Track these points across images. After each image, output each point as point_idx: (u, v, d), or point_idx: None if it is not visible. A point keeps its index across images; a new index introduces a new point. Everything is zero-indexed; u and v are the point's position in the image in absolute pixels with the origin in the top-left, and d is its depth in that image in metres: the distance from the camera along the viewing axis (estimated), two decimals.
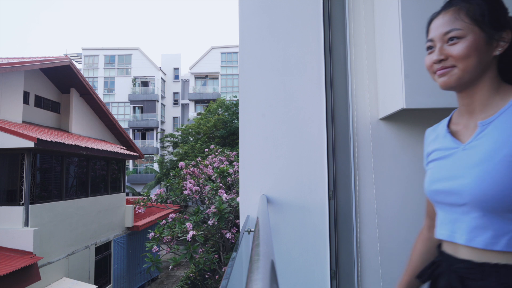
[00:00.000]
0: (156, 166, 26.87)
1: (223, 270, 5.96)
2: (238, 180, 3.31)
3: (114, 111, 31.67)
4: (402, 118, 1.75)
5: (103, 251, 11.27)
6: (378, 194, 1.74)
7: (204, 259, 5.31)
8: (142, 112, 31.83)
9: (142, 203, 6.49)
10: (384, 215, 1.73)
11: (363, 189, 1.75)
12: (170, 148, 22.61)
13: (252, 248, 0.72)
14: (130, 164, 29.30)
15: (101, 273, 11.15)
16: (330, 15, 1.83)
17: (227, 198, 5.39)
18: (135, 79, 32.73)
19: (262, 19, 1.87)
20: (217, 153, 8.13)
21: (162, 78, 33.35)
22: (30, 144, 7.73)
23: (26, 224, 8.00)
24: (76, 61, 32.93)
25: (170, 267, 5.55)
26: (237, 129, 15.69)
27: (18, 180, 8.21)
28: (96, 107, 12.87)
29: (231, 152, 8.01)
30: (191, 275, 9.79)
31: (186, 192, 6.32)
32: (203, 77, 33.40)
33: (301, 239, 1.73)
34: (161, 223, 5.98)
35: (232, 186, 6.57)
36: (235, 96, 23.19)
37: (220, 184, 6.16)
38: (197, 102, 32.32)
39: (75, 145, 9.18)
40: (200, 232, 5.20)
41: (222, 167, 6.55)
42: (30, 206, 8.09)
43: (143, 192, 7.00)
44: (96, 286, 9.51)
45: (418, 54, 1.45)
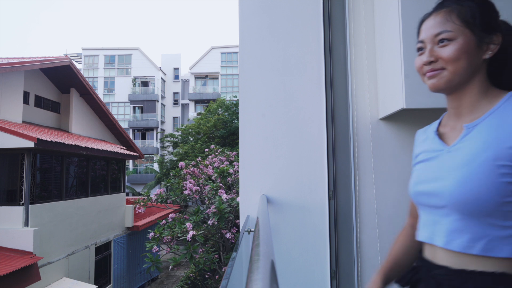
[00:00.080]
0: (156, 166, 26.87)
1: (223, 270, 5.96)
2: (238, 180, 3.30)
3: (114, 111, 31.67)
4: (402, 118, 1.75)
5: (103, 251, 11.27)
6: (378, 194, 1.74)
7: (204, 259, 5.31)
8: (142, 112, 31.83)
9: (142, 203, 6.49)
10: (384, 215, 1.73)
11: (363, 189, 1.75)
12: (170, 148, 22.61)
13: (252, 248, 0.72)
14: (130, 164, 29.30)
15: (101, 273, 11.15)
16: (330, 15, 1.83)
17: (227, 198, 5.39)
18: (135, 79, 32.73)
19: (262, 19, 1.87)
20: (217, 153, 8.13)
21: (162, 78, 33.35)
22: (30, 144, 7.73)
23: (26, 224, 8.00)
24: (76, 61, 32.94)
25: (170, 267, 5.55)
26: (237, 129, 15.69)
27: (18, 180, 8.21)
28: (96, 107, 12.87)
29: (231, 152, 8.01)
30: (191, 275, 9.80)
31: (186, 192, 6.32)
32: (203, 77, 33.40)
33: (301, 239, 1.73)
34: (161, 223, 5.98)
35: (232, 186, 6.57)
36: (235, 96, 23.19)
37: (220, 184, 6.16)
38: (197, 102, 32.33)
39: (75, 145, 9.18)
40: (200, 232, 5.20)
41: (222, 167, 6.55)
42: (30, 206, 8.09)
43: (143, 192, 7.00)
44: (96, 286, 9.51)
45: None
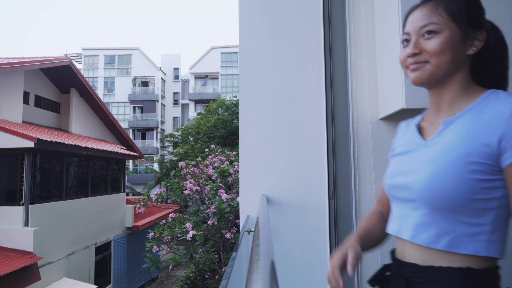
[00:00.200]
0: (156, 166, 26.86)
1: (223, 270, 5.96)
2: (238, 180, 3.30)
3: (114, 111, 31.67)
4: (402, 118, 1.74)
5: (103, 251, 11.27)
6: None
7: (204, 259, 5.31)
8: (142, 112, 31.83)
9: (142, 203, 6.50)
10: None
11: (363, 189, 1.75)
12: (170, 148, 22.61)
13: (252, 248, 0.72)
14: (130, 164, 29.29)
15: (101, 273, 11.15)
16: (330, 15, 1.83)
17: (227, 198, 5.39)
18: (135, 79, 32.72)
19: (262, 19, 1.87)
20: (217, 153, 8.13)
21: (162, 78, 33.35)
22: (30, 144, 7.73)
23: (26, 224, 8.00)
24: (76, 61, 32.94)
25: (170, 267, 5.55)
26: (237, 129, 15.69)
27: (18, 180, 8.21)
28: (96, 107, 12.86)
29: (231, 152, 8.01)
30: (191, 275, 9.79)
31: (186, 192, 6.32)
32: (203, 77, 33.40)
33: (301, 239, 1.73)
34: (161, 223, 5.98)
35: (232, 186, 6.57)
36: (235, 96, 23.19)
37: (220, 184, 6.16)
38: (197, 102, 32.32)
39: (75, 145, 9.18)
40: (200, 232, 5.20)
41: (223, 167, 6.55)
42: (30, 206, 8.09)
43: (143, 192, 7.00)
44: (96, 286, 9.51)
45: None
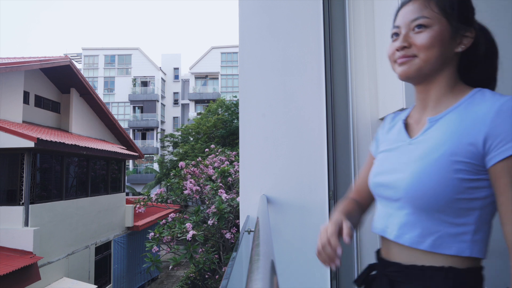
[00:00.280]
0: (156, 166, 26.85)
1: (223, 270, 5.96)
2: (238, 180, 3.30)
3: (114, 111, 31.66)
4: None
5: (103, 251, 11.27)
6: None
7: (204, 259, 5.31)
8: (142, 112, 31.82)
9: (142, 203, 6.50)
10: None
11: None
12: (170, 148, 22.61)
13: (252, 248, 0.72)
14: (130, 164, 29.29)
15: (101, 273, 11.15)
16: (330, 15, 1.83)
17: (227, 198, 5.39)
18: (135, 79, 32.72)
19: (262, 19, 1.87)
20: (217, 153, 8.13)
21: (162, 78, 33.35)
22: (30, 144, 7.73)
23: (26, 224, 8.00)
24: (76, 61, 32.94)
25: (170, 267, 5.55)
26: (237, 129, 15.69)
27: (18, 180, 8.21)
28: (96, 107, 12.86)
29: (231, 152, 8.02)
30: (191, 275, 9.79)
31: (186, 192, 6.32)
32: (203, 77, 33.40)
33: (301, 239, 1.73)
34: (161, 223, 5.98)
35: (232, 186, 6.57)
36: (235, 96, 23.19)
37: (220, 184, 6.16)
38: (197, 102, 32.32)
39: (75, 145, 9.18)
40: (200, 232, 5.20)
41: (223, 167, 6.55)
42: (30, 206, 8.09)
43: (143, 192, 7.01)
44: (96, 286, 9.51)
45: None
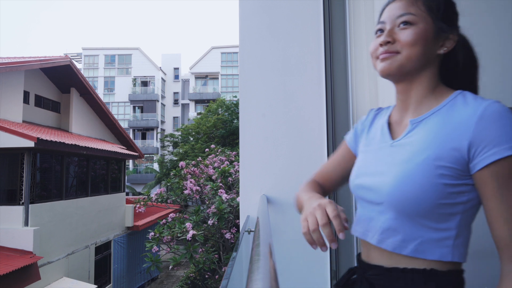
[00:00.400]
0: (156, 166, 26.86)
1: (223, 270, 5.96)
2: (238, 180, 3.31)
3: (114, 111, 31.66)
4: None
5: (103, 250, 11.27)
6: None
7: (204, 259, 5.31)
8: (142, 112, 31.82)
9: (142, 203, 6.50)
10: None
11: None
12: (170, 148, 22.61)
13: (252, 248, 0.72)
14: (130, 164, 29.29)
15: (101, 273, 11.15)
16: (330, 15, 1.83)
17: (227, 198, 5.39)
18: (135, 79, 32.72)
19: (262, 19, 1.87)
20: (217, 153, 8.13)
21: (162, 78, 33.35)
22: (30, 143, 7.73)
23: (26, 223, 8.00)
24: (76, 60, 32.93)
25: (170, 267, 5.56)
26: (237, 129, 15.69)
27: (18, 180, 8.21)
28: (96, 107, 12.87)
29: (231, 152, 8.02)
30: (191, 275, 9.79)
31: (186, 191, 6.33)
32: (203, 77, 33.40)
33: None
34: (161, 223, 5.98)
35: (232, 186, 6.57)
36: (235, 96, 23.19)
37: (220, 184, 6.16)
38: (197, 102, 32.32)
39: (75, 144, 9.18)
40: (200, 232, 5.20)
41: (223, 167, 6.56)
42: (30, 205, 8.09)
43: (143, 192, 7.01)
44: (96, 286, 9.52)
45: None
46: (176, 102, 34.33)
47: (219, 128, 17.52)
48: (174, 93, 34.48)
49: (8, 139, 7.77)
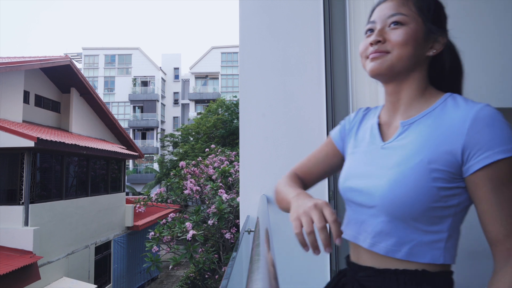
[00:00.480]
0: (156, 166, 26.86)
1: (223, 270, 5.96)
2: (238, 180, 3.30)
3: (114, 110, 31.66)
4: None
5: (103, 250, 11.27)
6: None
7: (204, 259, 5.30)
8: (142, 111, 31.82)
9: (142, 202, 6.50)
10: None
11: None
12: (170, 148, 22.61)
13: (252, 248, 0.72)
14: (130, 163, 29.30)
15: (101, 272, 11.15)
16: (330, 15, 1.83)
17: (227, 198, 5.39)
18: (135, 78, 32.72)
19: (262, 19, 1.87)
20: (217, 153, 8.13)
21: (162, 78, 33.35)
22: (30, 143, 7.73)
23: (26, 223, 8.00)
24: (76, 60, 32.93)
25: (170, 267, 5.55)
26: (237, 129, 15.69)
27: (18, 180, 8.21)
28: (96, 107, 12.87)
29: (231, 152, 8.02)
30: (191, 274, 9.79)
31: (186, 191, 6.32)
32: (203, 77, 33.40)
33: None
34: (161, 223, 5.98)
35: (232, 186, 6.57)
36: (235, 96, 23.18)
37: (220, 184, 6.16)
38: (197, 102, 32.32)
39: (75, 144, 9.18)
40: (200, 232, 5.20)
41: (223, 167, 6.56)
42: (30, 205, 8.09)
43: (143, 192, 7.01)
44: (96, 286, 9.52)
45: None
46: (176, 102, 34.33)
47: (219, 128, 17.51)
48: (174, 93, 34.49)
49: (8, 139, 7.77)
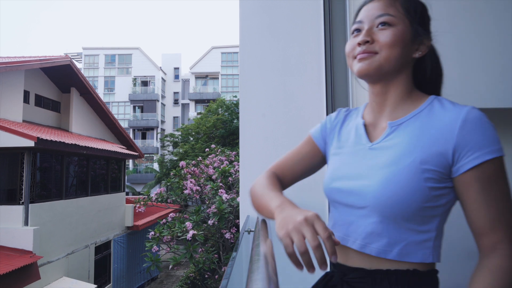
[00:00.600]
0: (156, 166, 26.87)
1: (222, 270, 5.96)
2: (238, 179, 3.30)
3: (114, 110, 31.66)
4: None
5: (102, 250, 11.27)
6: None
7: (204, 258, 5.30)
8: (142, 111, 31.82)
9: (142, 202, 6.50)
10: None
11: None
12: (170, 148, 22.61)
13: (252, 248, 0.72)
14: (130, 163, 29.30)
15: (100, 272, 11.15)
16: (330, 15, 1.83)
17: (227, 198, 5.39)
18: (136, 78, 32.72)
19: (262, 19, 1.87)
20: (217, 153, 8.13)
21: (162, 78, 33.34)
22: (30, 143, 7.73)
23: (26, 223, 8.00)
24: (76, 60, 32.93)
25: (170, 267, 5.55)
26: (237, 128, 15.69)
27: (18, 179, 8.21)
28: (96, 107, 12.86)
29: (231, 152, 8.01)
30: (191, 274, 9.79)
31: (186, 191, 6.32)
32: (203, 77, 33.39)
33: None
34: (161, 223, 5.98)
35: (232, 186, 6.57)
36: (235, 96, 23.18)
37: (221, 184, 6.16)
38: (197, 102, 32.32)
39: (75, 144, 9.18)
40: (200, 231, 5.20)
41: (223, 167, 6.56)
42: (30, 205, 8.09)
43: (143, 192, 7.01)
44: (96, 286, 9.51)
45: None
46: (176, 102, 34.33)
47: (219, 128, 17.51)
48: (174, 93, 34.48)
49: (8, 139, 7.76)
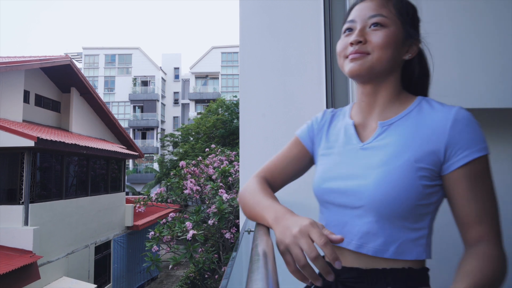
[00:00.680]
0: (156, 166, 26.87)
1: (222, 270, 5.96)
2: (238, 180, 3.30)
3: (114, 110, 31.66)
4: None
5: (102, 250, 11.27)
6: None
7: (204, 258, 5.30)
8: (142, 111, 31.83)
9: (142, 202, 6.50)
10: None
11: None
12: (170, 148, 22.61)
13: (252, 248, 0.72)
14: (130, 163, 29.30)
15: (100, 272, 11.15)
16: (330, 15, 1.83)
17: (227, 198, 5.39)
18: (136, 78, 32.72)
19: (263, 19, 1.87)
20: (217, 152, 8.13)
21: (162, 78, 33.35)
22: (30, 143, 7.73)
23: (26, 223, 8.00)
24: (76, 60, 32.93)
25: (170, 267, 5.55)
26: (237, 128, 15.69)
27: (18, 179, 8.21)
28: (96, 107, 12.87)
29: (231, 152, 8.01)
30: (191, 274, 9.79)
31: (186, 191, 6.32)
32: (203, 76, 33.40)
33: None
34: (161, 222, 5.98)
35: (232, 186, 6.57)
36: (235, 96, 23.18)
37: (221, 184, 6.16)
38: (197, 101, 32.32)
39: (75, 144, 9.18)
40: (200, 231, 5.20)
41: (223, 167, 6.56)
42: (30, 205, 8.09)
43: (143, 192, 7.01)
44: (96, 286, 9.51)
45: None
46: (176, 102, 34.33)
47: (219, 128, 17.51)
48: (174, 93, 34.49)
49: (8, 139, 7.77)
